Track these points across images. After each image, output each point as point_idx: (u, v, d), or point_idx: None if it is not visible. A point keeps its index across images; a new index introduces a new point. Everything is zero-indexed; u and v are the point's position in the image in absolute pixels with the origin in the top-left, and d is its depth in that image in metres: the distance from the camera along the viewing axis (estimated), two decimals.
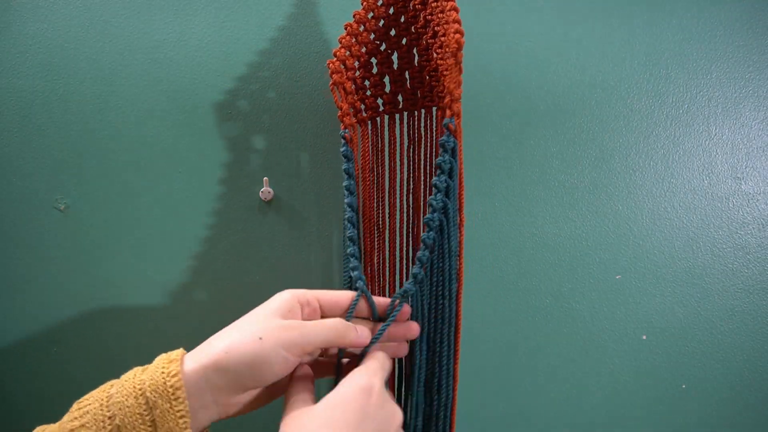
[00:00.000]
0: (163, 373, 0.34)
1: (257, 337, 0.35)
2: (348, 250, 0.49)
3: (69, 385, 0.64)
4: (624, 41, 0.68)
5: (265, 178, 0.63)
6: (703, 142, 0.70)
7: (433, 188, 0.46)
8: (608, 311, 0.70)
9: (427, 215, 0.45)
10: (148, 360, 0.37)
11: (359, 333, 0.41)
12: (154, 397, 0.33)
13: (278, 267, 0.65)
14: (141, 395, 0.33)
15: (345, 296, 0.43)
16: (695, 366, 0.72)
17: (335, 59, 0.51)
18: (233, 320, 0.39)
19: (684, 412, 0.72)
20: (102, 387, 0.35)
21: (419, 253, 0.45)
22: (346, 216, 0.49)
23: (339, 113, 0.52)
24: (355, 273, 0.46)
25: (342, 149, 0.51)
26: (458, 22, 0.45)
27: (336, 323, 0.40)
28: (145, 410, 0.33)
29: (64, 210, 0.62)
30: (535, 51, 0.67)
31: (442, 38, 0.50)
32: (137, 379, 0.34)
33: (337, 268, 0.66)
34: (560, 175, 0.68)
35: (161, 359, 0.35)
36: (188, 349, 0.39)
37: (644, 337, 0.71)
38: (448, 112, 0.46)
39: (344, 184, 0.50)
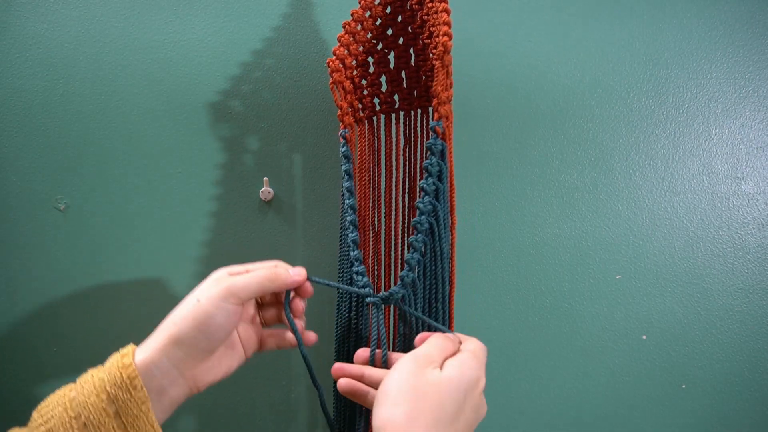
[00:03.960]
0: (118, 367, 0.36)
1: (195, 300, 0.39)
2: (352, 254, 0.48)
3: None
4: (624, 41, 0.68)
5: (265, 178, 0.63)
6: (703, 142, 0.70)
7: (421, 191, 0.45)
8: (608, 311, 0.70)
9: (415, 218, 0.45)
10: None
11: (293, 272, 0.43)
12: (114, 390, 0.35)
13: None
14: (102, 391, 0.36)
15: (282, 267, 0.45)
16: (695, 366, 0.72)
17: (334, 58, 0.51)
18: None
19: (684, 412, 0.72)
20: (60, 392, 0.37)
21: (407, 256, 0.45)
22: (348, 219, 0.48)
23: (338, 113, 0.51)
24: (365, 280, 0.46)
25: (342, 149, 0.50)
26: (448, 24, 0.45)
27: (265, 269, 0.42)
28: (107, 404, 0.35)
29: (64, 210, 0.62)
30: (536, 51, 0.67)
31: (437, 39, 0.50)
32: (95, 378, 0.37)
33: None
34: (560, 176, 0.68)
35: (114, 356, 0.38)
36: None
37: (644, 337, 0.71)
38: (435, 115, 0.46)
39: (345, 185, 0.49)
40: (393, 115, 0.58)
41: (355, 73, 0.54)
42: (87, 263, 0.63)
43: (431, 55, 0.53)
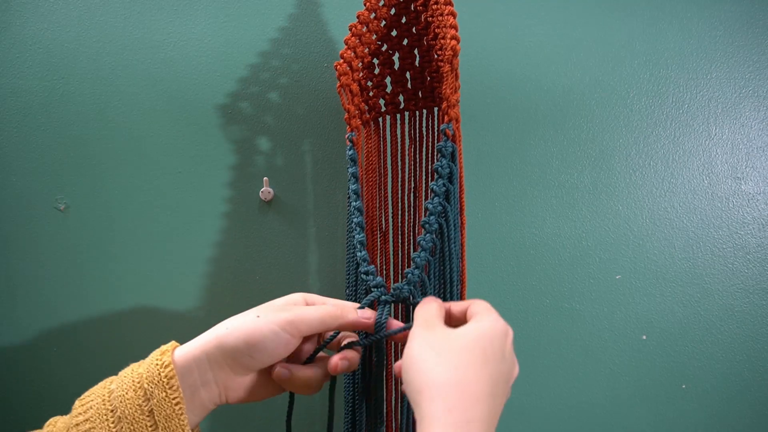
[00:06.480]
0: (157, 365, 0.36)
1: (255, 316, 0.39)
2: (359, 255, 0.48)
3: (69, 384, 0.64)
4: (624, 41, 0.68)
5: (265, 178, 0.63)
6: (703, 142, 0.70)
7: (431, 192, 0.45)
8: (608, 311, 0.70)
9: (424, 218, 0.45)
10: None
11: (361, 313, 0.42)
12: (151, 387, 0.35)
13: (278, 267, 0.65)
14: (139, 387, 0.35)
15: (349, 306, 0.44)
16: (695, 366, 0.72)
17: (342, 61, 0.51)
18: None
19: (684, 412, 0.72)
20: (102, 383, 0.38)
21: (414, 255, 0.45)
22: (354, 221, 0.49)
23: (345, 116, 0.51)
24: (377, 279, 0.45)
25: (349, 152, 0.50)
26: (455, 27, 0.45)
27: (333, 305, 0.42)
28: (143, 401, 0.35)
29: (64, 210, 0.62)
30: (536, 51, 0.67)
31: (442, 41, 0.50)
32: (135, 373, 0.37)
33: (339, 269, 0.66)
34: (560, 175, 0.68)
35: (155, 353, 0.38)
36: None
37: (644, 337, 0.71)
38: (446, 117, 0.46)
39: (352, 188, 0.49)
40: (398, 116, 0.58)
41: (361, 75, 0.54)
42: (87, 263, 0.63)
43: (436, 56, 0.53)
